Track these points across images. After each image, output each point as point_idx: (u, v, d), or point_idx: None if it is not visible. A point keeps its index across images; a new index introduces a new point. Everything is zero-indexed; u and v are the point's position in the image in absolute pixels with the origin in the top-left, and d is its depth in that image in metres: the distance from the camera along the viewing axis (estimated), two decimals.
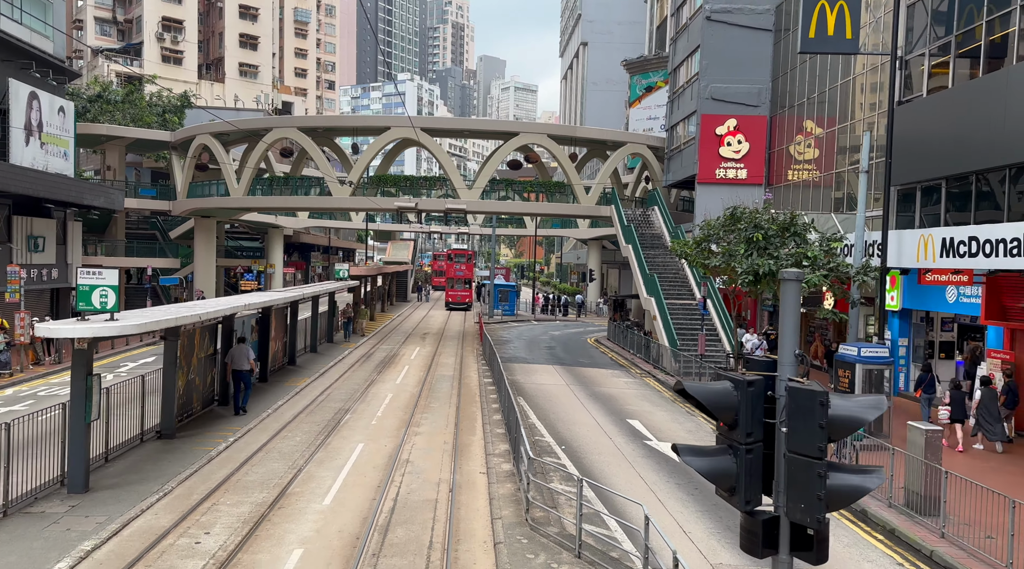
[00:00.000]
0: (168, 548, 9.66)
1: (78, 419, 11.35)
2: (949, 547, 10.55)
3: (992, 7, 18.30)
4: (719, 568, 9.67)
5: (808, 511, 4.14)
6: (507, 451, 14.81)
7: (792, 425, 4.17)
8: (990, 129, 17.55)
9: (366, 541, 10.07)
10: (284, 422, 17.02)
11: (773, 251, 18.15)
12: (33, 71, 29.66)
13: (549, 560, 9.48)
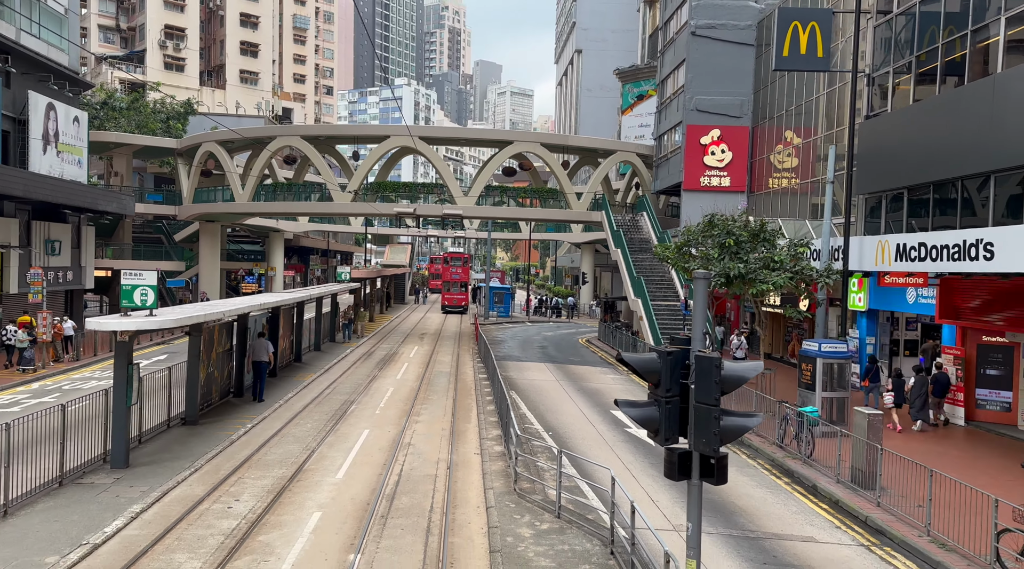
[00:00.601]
0: (205, 511, 11.22)
1: (120, 403, 12.90)
2: (882, 513, 12.15)
3: (950, 30, 19.94)
4: (679, 528, 11.24)
5: (709, 444, 5.73)
6: (499, 436, 16.39)
7: (697, 383, 5.76)
8: (944, 144, 19.19)
9: (375, 506, 11.65)
10: (295, 411, 18.58)
11: (744, 255, 19.80)
12: (51, 84, 31.21)
13: (533, 520, 11.07)
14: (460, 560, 9.72)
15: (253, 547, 9.92)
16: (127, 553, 9.52)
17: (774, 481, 14.32)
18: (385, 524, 10.91)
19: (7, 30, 28.54)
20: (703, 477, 5.96)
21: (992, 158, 17.38)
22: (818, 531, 11.58)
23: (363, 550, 9.90)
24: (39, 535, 9.96)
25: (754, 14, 35.01)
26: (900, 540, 11.12)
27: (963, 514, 10.84)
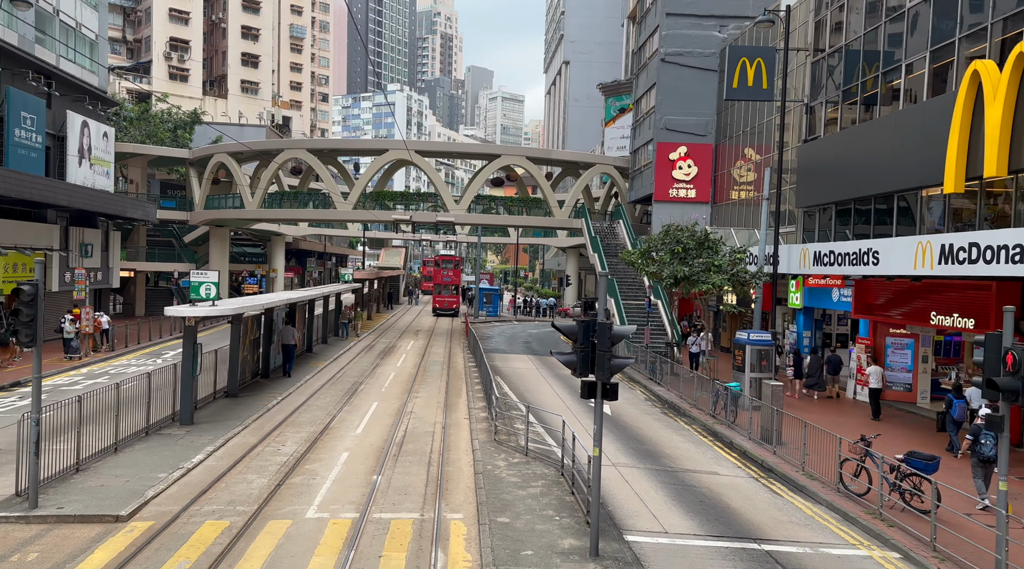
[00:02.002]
0: (260, 451, 14.89)
1: (187, 373, 16.56)
2: (775, 459, 15.93)
3: (875, 67, 23.74)
4: (618, 466, 14.99)
5: (604, 375, 9.48)
6: (484, 406, 20.11)
7: (599, 339, 9.51)
8: (861, 166, 23.04)
9: (388, 449, 15.35)
10: (315, 389, 22.26)
11: (690, 260, 23.62)
12: (86, 104, 34.77)
13: (507, 457, 14.81)
14: (453, 478, 13.45)
15: (302, 470, 13.62)
16: (212, 474, 13.19)
17: (701, 439, 18.12)
18: (397, 459, 14.63)
19: (49, 56, 32.11)
20: (603, 397, 9.72)
21: (895, 180, 21.26)
22: (722, 468, 15.37)
23: (383, 473, 13.61)
24: (146, 463, 13.62)
25: (717, 43, 38.92)
26: (781, 474, 14.91)
27: (828, 456, 14.61)
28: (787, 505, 13.06)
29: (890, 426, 19.17)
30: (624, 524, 11.47)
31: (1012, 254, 14.97)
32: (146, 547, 9.84)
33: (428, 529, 10.84)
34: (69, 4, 34.13)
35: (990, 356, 10.14)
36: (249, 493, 12.21)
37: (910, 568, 10.41)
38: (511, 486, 12.97)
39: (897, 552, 10.91)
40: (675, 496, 13.17)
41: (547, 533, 10.75)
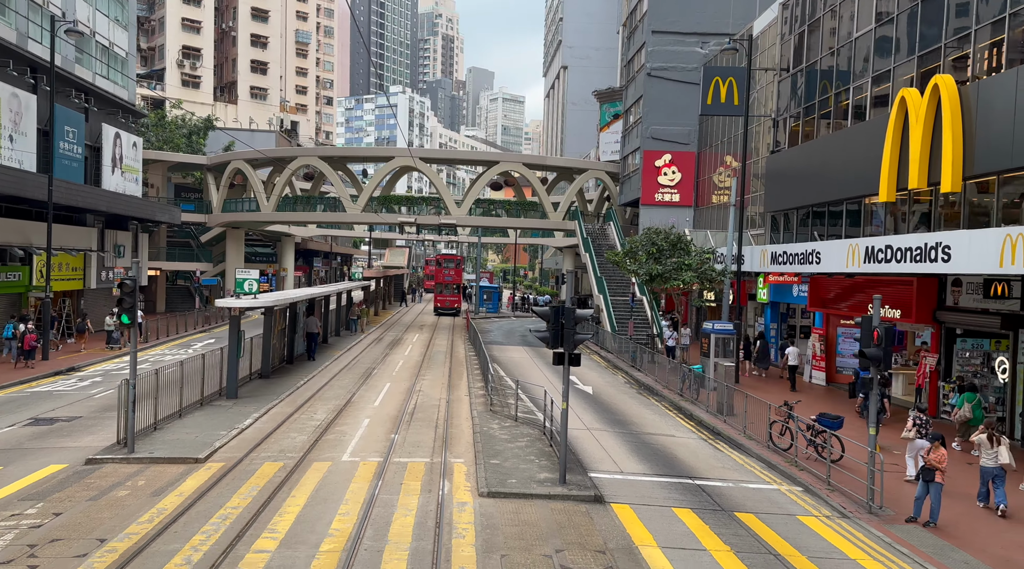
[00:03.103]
0: (297, 418, 18.07)
1: (233, 355, 19.74)
2: (724, 426, 19.07)
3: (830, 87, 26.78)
4: (592, 430, 18.14)
5: (570, 347, 12.65)
6: (482, 387, 23.27)
7: (565, 320, 12.68)
8: (818, 176, 26.11)
9: (402, 417, 18.53)
10: (334, 373, 25.44)
11: (664, 260, 26.78)
12: (119, 117, 37.95)
13: (500, 422, 17.99)
14: (455, 437, 16.63)
15: (333, 431, 16.79)
16: (261, 433, 16.37)
17: (666, 412, 21.29)
18: (410, 424, 17.81)
19: (87, 75, 35.30)
20: (569, 363, 12.88)
21: (844, 189, 24.34)
22: (679, 433, 18.53)
23: (398, 433, 16.79)
24: (207, 424, 16.80)
25: (699, 58, 42.03)
26: (727, 437, 18.05)
27: (765, 422, 17.72)
28: (724, 457, 16.23)
29: (813, 397, 22.40)
30: (590, 466, 14.63)
31: (915, 254, 18.11)
32: (223, 478, 13.01)
33: (437, 468, 14.01)
34: (103, 25, 37.31)
35: (865, 333, 13.28)
36: (294, 445, 15.39)
37: (807, 497, 13.56)
38: (502, 441, 16.15)
39: (800, 486, 14.06)
40: (634, 450, 16.34)
41: (528, 470, 13.92)
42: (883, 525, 11.98)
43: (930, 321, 21.09)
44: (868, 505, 12.68)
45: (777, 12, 32.25)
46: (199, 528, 10.50)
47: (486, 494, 12.41)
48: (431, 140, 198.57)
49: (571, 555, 10.06)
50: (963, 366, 20.70)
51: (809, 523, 12.03)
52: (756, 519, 12.01)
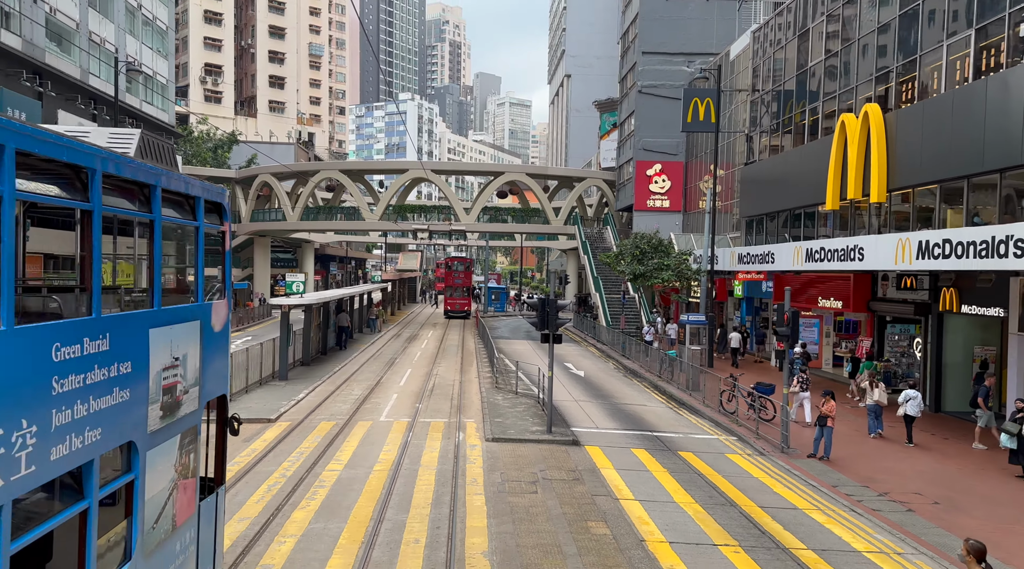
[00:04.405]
0: (339, 393, 22.24)
1: (284, 344, 23.95)
2: (690, 399, 23.04)
3: (793, 107, 30.65)
4: (579, 401, 22.20)
5: (553, 328, 16.75)
6: (490, 372, 27.37)
7: (551, 309, 16.78)
8: (782, 186, 30.05)
9: (423, 393, 22.67)
10: (362, 362, 29.63)
11: (646, 260, 30.83)
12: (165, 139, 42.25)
13: (503, 395, 22.11)
14: (467, 405, 20.75)
15: (369, 402, 20.95)
16: (313, 403, 20.52)
17: (644, 389, 25.34)
18: (430, 397, 21.95)
19: (135, 102, 39.69)
20: (553, 342, 16.97)
21: (802, 198, 28.28)
22: (650, 403, 22.59)
23: (422, 402, 20.94)
24: (269, 397, 20.98)
25: (687, 76, 45.95)
26: (690, 406, 22.06)
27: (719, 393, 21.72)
28: (683, 419, 20.29)
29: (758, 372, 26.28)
30: (573, 424, 18.72)
31: (841, 255, 22.08)
32: (292, 431, 17.17)
33: (453, 425, 18.14)
34: (148, 57, 41.69)
35: (779, 316, 17.29)
36: (341, 410, 19.55)
37: (738, 443, 17.58)
38: (504, 408, 20.27)
39: (735, 436, 18.09)
40: (610, 414, 20.42)
41: (523, 425, 18.02)
42: (789, 459, 15.99)
43: (865, 310, 25.06)
44: (782, 447, 16.70)
45: (750, 39, 36.23)
46: (284, 459, 14.65)
47: (491, 439, 16.52)
48: (440, 146, 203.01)
49: (550, 473, 14.15)
50: (892, 347, 24.66)
51: (733, 458, 16.07)
52: (693, 455, 16.05)
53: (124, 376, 5.34)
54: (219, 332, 7.29)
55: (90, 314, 4.93)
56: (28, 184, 4.30)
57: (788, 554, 10.49)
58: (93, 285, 4.94)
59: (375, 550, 10.10)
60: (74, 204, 4.79)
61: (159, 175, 5.91)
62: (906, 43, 22.19)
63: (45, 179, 4.61)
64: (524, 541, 10.57)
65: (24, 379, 4.24)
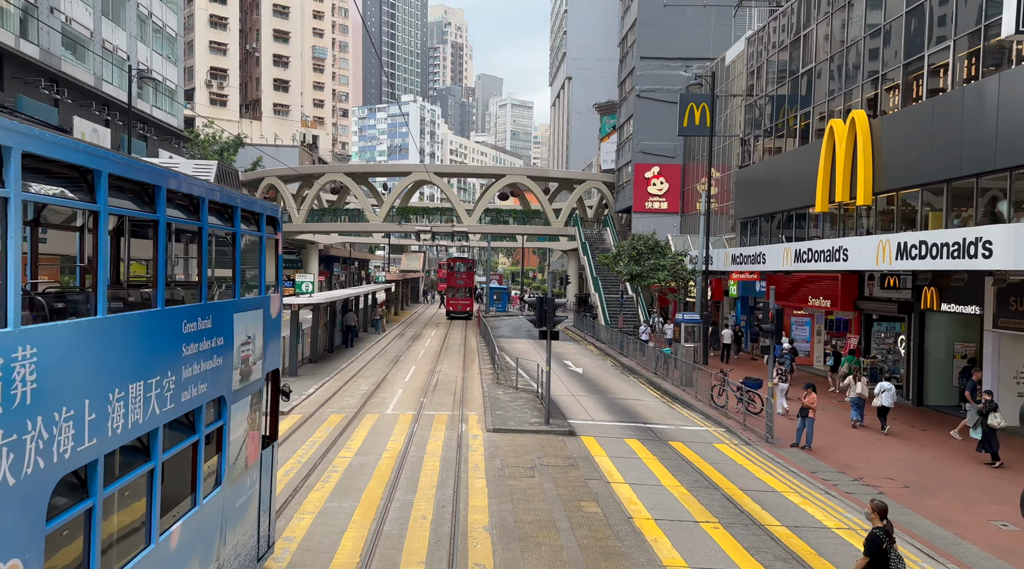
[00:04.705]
0: (347, 388, 23.24)
1: (293, 341, 24.96)
2: (683, 393, 24.02)
3: (786, 111, 31.58)
4: (576, 396, 23.17)
5: (551, 325, 17.75)
6: (491, 369, 28.36)
7: (548, 308, 17.77)
8: (776, 189, 31.00)
9: (427, 388, 23.66)
10: (368, 359, 30.64)
11: (642, 261, 31.80)
12: (172, 142, 43.39)
13: (504, 390, 23.10)
14: (469, 399, 21.75)
15: (376, 396, 21.95)
16: (323, 398, 21.53)
17: (640, 385, 26.32)
18: (434, 392, 22.96)
19: (145, 107, 40.73)
20: (550, 339, 17.95)
21: (794, 200, 29.24)
22: (645, 398, 23.56)
23: (426, 397, 21.93)
24: None
25: (683, 81, 46.89)
26: (683, 400, 23.03)
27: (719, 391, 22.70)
28: (675, 412, 21.27)
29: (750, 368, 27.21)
30: (570, 416, 19.71)
31: (827, 255, 23.04)
32: (304, 422, 18.17)
33: (456, 417, 19.14)
34: (158, 63, 42.75)
35: (764, 313, 18.25)
36: (350, 404, 20.56)
37: (726, 434, 18.55)
38: (505, 401, 21.27)
39: (724, 428, 19.07)
40: (606, 408, 21.41)
41: (523, 417, 19.02)
42: (772, 448, 16.96)
43: (852, 308, 26.03)
44: (767, 437, 17.68)
45: (744, 46, 37.21)
46: (299, 447, 15.66)
47: (492, 430, 17.52)
48: (442, 147, 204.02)
49: (547, 459, 15.14)
50: (879, 344, 25.62)
51: (720, 447, 17.05)
52: (683, 445, 17.03)
53: (219, 347, 7.03)
54: (275, 319, 9.02)
55: (201, 301, 6.66)
56: (173, 212, 6.21)
57: (763, 530, 11.46)
58: (202, 281, 6.69)
59: (386, 525, 11.10)
60: (193, 223, 6.67)
61: (236, 197, 7.57)
62: (891, 52, 23.16)
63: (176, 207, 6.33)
64: (522, 517, 11.56)
65: (168, 344, 6.00)
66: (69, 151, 4.52)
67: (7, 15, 29.23)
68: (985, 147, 18.43)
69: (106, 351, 5.05)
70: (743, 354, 34.14)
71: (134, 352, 5.46)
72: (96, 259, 4.97)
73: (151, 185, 5.66)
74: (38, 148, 4.15)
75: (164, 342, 5.92)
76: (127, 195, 5.51)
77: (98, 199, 4.85)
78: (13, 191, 3.89)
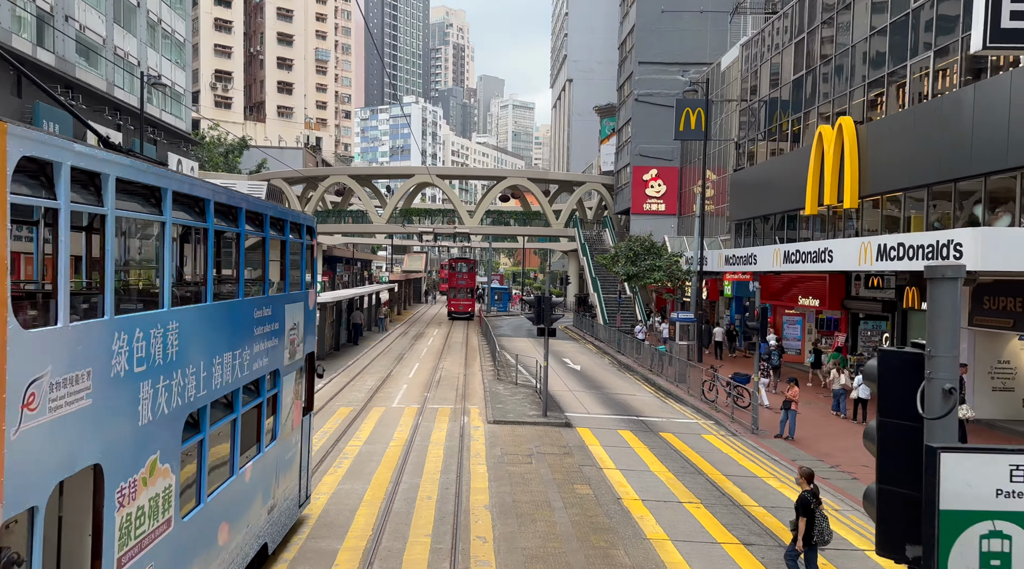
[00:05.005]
0: (354, 384, 24.26)
1: None
2: (676, 389, 25.00)
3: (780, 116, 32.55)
4: (574, 391, 24.17)
5: (548, 324, 18.76)
6: (492, 366, 29.37)
7: (546, 305, 18.78)
8: (769, 192, 31.94)
9: (430, 383, 24.68)
10: (373, 357, 31.66)
11: (639, 262, 32.80)
12: (181, 146, 44.43)
13: (504, 386, 24.11)
14: (471, 393, 22.76)
15: (382, 391, 22.97)
16: (330, 393, 22.54)
17: (635, 381, 27.32)
18: (437, 387, 23.97)
19: (155, 111, 41.78)
20: (548, 336, 18.97)
21: (785, 203, 30.21)
22: (640, 393, 24.57)
23: (430, 391, 22.96)
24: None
25: (681, 85, 47.82)
26: (676, 395, 24.02)
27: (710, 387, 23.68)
28: (667, 406, 22.27)
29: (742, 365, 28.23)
30: (567, 410, 20.72)
31: (813, 256, 24.04)
32: (314, 416, 19.13)
33: (459, 410, 20.15)
34: (167, 68, 43.81)
35: (749, 312, 19.25)
36: (357, 398, 21.58)
37: (714, 426, 19.54)
38: (505, 396, 22.28)
39: (713, 420, 20.07)
40: (602, 402, 22.41)
41: (522, 410, 20.03)
42: (757, 438, 17.96)
43: (840, 308, 27.01)
44: (752, 429, 18.67)
45: (739, 51, 38.21)
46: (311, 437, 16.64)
47: (492, 421, 18.54)
48: (444, 148, 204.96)
49: (544, 448, 16.16)
50: (865, 342, 26.60)
51: (707, 438, 18.05)
52: (673, 436, 18.03)
53: (275, 331, 8.72)
54: (311, 310, 10.69)
55: (264, 294, 8.74)
56: (249, 226, 8.04)
57: (742, 509, 12.46)
58: (264, 278, 8.39)
59: (395, 504, 12.11)
60: (260, 234, 8.51)
61: (288, 213, 9.31)
62: (877, 61, 24.16)
63: (250, 221, 8.09)
64: (519, 497, 12.57)
65: (245, 325, 7.93)
66: (150, 175, 5.70)
67: (24, 23, 30.30)
68: (962, 153, 19.42)
69: (211, 328, 6.90)
70: (738, 352, 35.11)
71: (226, 330, 7.28)
72: (206, 259, 6.98)
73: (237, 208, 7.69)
74: (127, 173, 5.23)
75: (243, 324, 7.81)
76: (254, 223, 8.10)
77: (207, 219, 6.74)
78: (110, 207, 4.97)
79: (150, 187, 5.67)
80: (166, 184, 5.80)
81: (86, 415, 4.77)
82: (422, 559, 9.89)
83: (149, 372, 5.53)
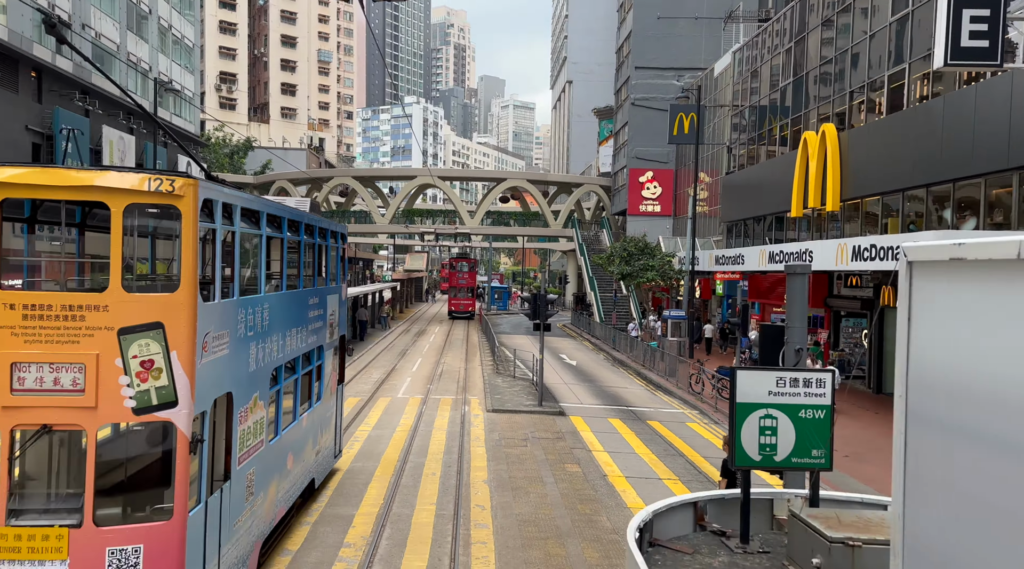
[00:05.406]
0: (361, 376, 25.61)
1: None
2: (667, 383, 26.36)
3: (768, 122, 33.87)
4: (569, 384, 25.51)
5: (543, 320, 20.11)
6: (492, 361, 30.71)
7: (541, 303, 20.12)
8: (758, 195, 33.28)
9: (433, 377, 26.03)
10: (378, 352, 33.01)
11: (633, 261, 34.15)
12: (192, 148, 45.77)
13: (502, 379, 25.46)
14: (471, 386, 24.12)
15: (388, 383, 24.32)
16: None
17: (627, 375, 28.67)
18: (439, 380, 25.33)
19: (166, 114, 43.13)
20: (543, 330, 20.31)
21: (774, 205, 31.55)
22: (631, 386, 25.91)
23: (432, 384, 24.31)
24: None
25: (677, 90, 49.19)
26: (665, 388, 25.37)
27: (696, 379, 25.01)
28: (656, 398, 23.62)
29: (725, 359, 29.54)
30: (561, 400, 22.07)
31: (794, 257, 25.37)
32: None
33: (460, 400, 21.51)
34: (177, 73, 45.18)
35: (731, 310, 20.58)
36: (364, 390, 22.94)
37: (699, 415, 20.89)
38: (503, 387, 23.64)
39: (698, 410, 21.42)
40: (595, 394, 23.77)
41: (519, 400, 21.39)
42: None
43: (823, 306, 28.34)
44: None
45: (731, 58, 39.54)
46: None
47: (491, 410, 19.89)
48: (445, 148, 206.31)
49: (539, 433, 17.51)
50: (847, 339, 27.94)
51: (691, 425, 19.40)
52: (659, 423, 19.38)
53: (320, 315, 10.77)
54: (343, 301, 12.72)
55: (314, 286, 11.11)
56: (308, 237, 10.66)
57: (715, 485, 13.78)
58: (315, 275, 10.54)
59: (403, 479, 13.46)
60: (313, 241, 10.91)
61: (329, 224, 11.47)
62: (857, 70, 25.49)
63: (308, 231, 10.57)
64: (515, 474, 13.92)
65: (303, 309, 10.38)
66: (254, 202, 7.96)
67: (43, 32, 31.63)
68: (933, 160, 20.76)
69: (285, 308, 9.45)
70: (729, 349, 36.34)
71: (293, 311, 9.80)
72: (282, 261, 9.40)
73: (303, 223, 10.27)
74: (238, 201, 6.97)
75: (302, 308, 10.26)
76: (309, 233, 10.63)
77: (283, 231, 9.28)
78: (237, 227, 7.09)
79: (253, 211, 8.05)
80: (261, 208, 8.32)
81: (225, 360, 7.21)
82: (428, 522, 11.25)
83: (255, 336, 8.08)
